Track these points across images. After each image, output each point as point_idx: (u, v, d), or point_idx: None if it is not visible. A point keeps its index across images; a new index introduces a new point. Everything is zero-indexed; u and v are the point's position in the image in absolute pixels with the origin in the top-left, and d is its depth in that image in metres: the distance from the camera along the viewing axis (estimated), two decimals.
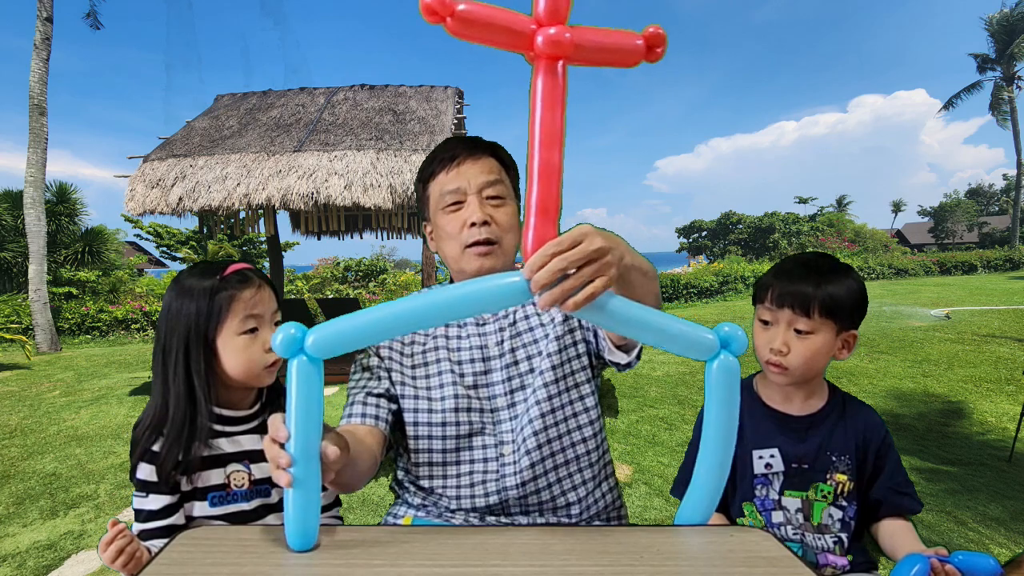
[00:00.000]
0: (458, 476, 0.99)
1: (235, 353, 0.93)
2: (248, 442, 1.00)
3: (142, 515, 0.91)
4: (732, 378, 0.71)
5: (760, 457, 1.03)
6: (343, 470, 0.78)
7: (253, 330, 0.95)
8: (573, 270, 0.63)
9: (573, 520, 1.01)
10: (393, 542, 0.67)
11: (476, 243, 0.99)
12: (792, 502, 1.01)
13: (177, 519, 0.93)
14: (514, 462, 0.98)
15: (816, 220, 30.96)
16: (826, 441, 1.01)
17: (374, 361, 1.05)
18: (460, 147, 1.03)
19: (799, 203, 38.08)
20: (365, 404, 0.99)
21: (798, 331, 0.98)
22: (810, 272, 0.99)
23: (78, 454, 3.82)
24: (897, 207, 51.45)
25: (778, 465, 1.02)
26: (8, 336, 7.79)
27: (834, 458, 1.00)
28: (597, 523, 1.05)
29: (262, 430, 1.01)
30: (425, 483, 1.01)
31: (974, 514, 2.54)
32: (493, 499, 0.97)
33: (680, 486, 1.11)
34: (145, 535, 0.91)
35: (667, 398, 4.71)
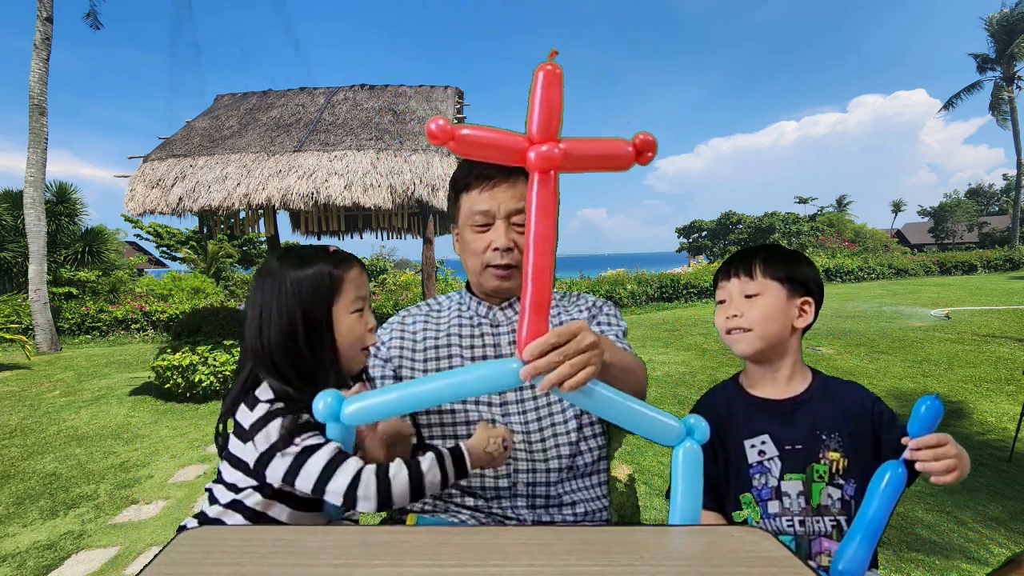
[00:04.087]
0: None
1: (348, 333, 0.95)
2: None
3: (326, 440, 0.86)
4: (695, 463, 0.78)
5: (752, 446, 1.04)
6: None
7: (360, 310, 0.97)
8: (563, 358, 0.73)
9: (576, 519, 1.05)
10: (393, 542, 0.67)
11: (497, 266, 1.05)
12: (793, 485, 1.01)
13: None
14: (527, 452, 1.04)
15: (816, 220, 30.96)
16: (814, 421, 1.02)
17: (377, 373, 1.13)
18: (496, 168, 1.05)
19: (799, 203, 38.09)
20: None
21: (748, 296, 1.05)
22: (753, 248, 1.09)
23: (78, 454, 3.83)
24: (897, 207, 51.39)
25: (771, 451, 1.03)
26: (8, 336, 7.80)
27: (824, 437, 1.01)
28: (597, 522, 1.07)
29: None
30: None
31: (974, 514, 2.54)
32: (503, 482, 1.03)
33: None
34: (337, 460, 0.83)
35: (667, 398, 4.71)
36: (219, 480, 0.93)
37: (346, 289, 0.95)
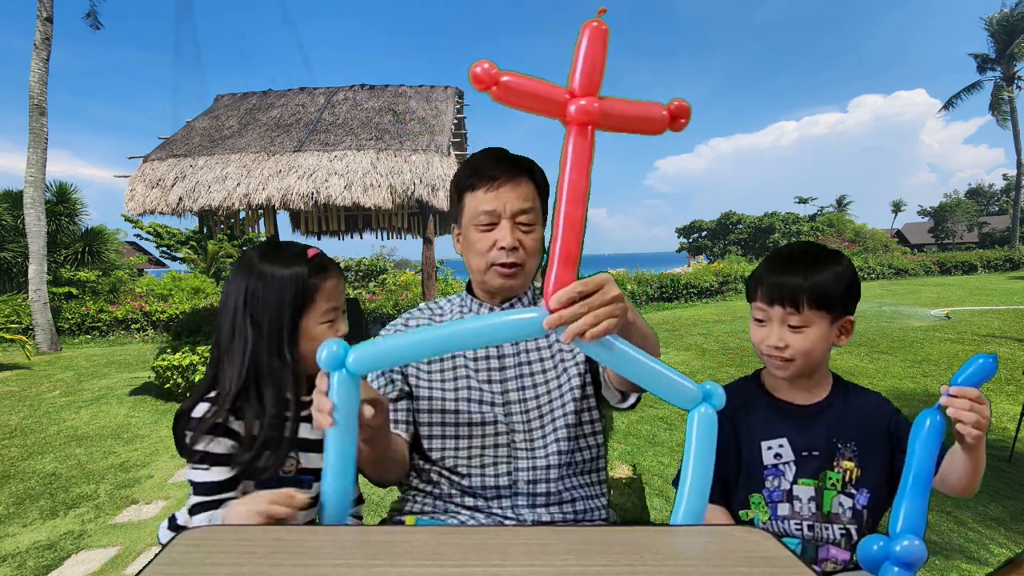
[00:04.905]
0: (469, 458, 1.06)
1: (315, 341, 0.94)
2: (303, 430, 1.00)
3: (204, 487, 0.90)
4: (710, 429, 0.78)
5: (769, 448, 1.03)
6: (377, 464, 0.93)
7: (331, 320, 0.98)
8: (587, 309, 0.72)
9: (576, 517, 1.05)
10: (393, 542, 0.67)
11: (503, 264, 1.05)
12: (805, 490, 1.00)
13: (237, 493, 0.92)
14: (527, 450, 1.05)
15: (816, 220, 30.94)
16: (833, 429, 1.01)
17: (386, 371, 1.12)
18: (500, 168, 1.05)
19: (799, 203, 38.05)
20: (395, 411, 1.08)
21: (792, 326, 0.99)
22: (797, 265, 0.99)
23: (78, 454, 3.83)
24: (897, 207, 51.33)
25: (788, 455, 1.02)
26: (8, 336, 7.80)
27: (840, 445, 1.01)
28: (597, 521, 1.07)
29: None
30: (438, 466, 1.07)
31: (974, 514, 2.54)
32: (504, 480, 1.04)
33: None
34: (200, 508, 0.89)
35: None
36: None
37: (319, 299, 0.95)
